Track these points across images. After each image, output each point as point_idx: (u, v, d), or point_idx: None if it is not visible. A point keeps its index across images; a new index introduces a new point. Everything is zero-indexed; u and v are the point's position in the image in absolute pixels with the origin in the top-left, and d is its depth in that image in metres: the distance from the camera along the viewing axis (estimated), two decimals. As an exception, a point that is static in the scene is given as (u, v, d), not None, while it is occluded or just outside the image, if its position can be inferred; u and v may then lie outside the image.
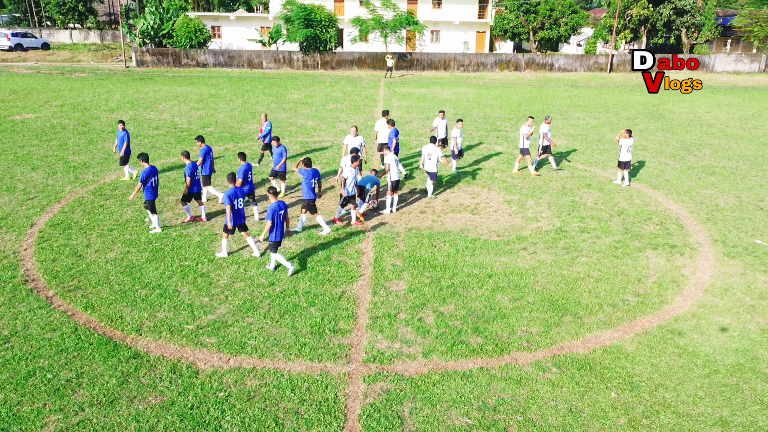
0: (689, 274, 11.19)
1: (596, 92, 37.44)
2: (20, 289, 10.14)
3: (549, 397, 7.49)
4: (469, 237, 12.83)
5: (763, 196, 16.27)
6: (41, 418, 6.97)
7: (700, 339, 8.93)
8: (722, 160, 20.23)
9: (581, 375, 7.96)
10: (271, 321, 9.19)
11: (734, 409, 7.36)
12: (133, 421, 6.95)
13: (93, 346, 8.47)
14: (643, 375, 8.01)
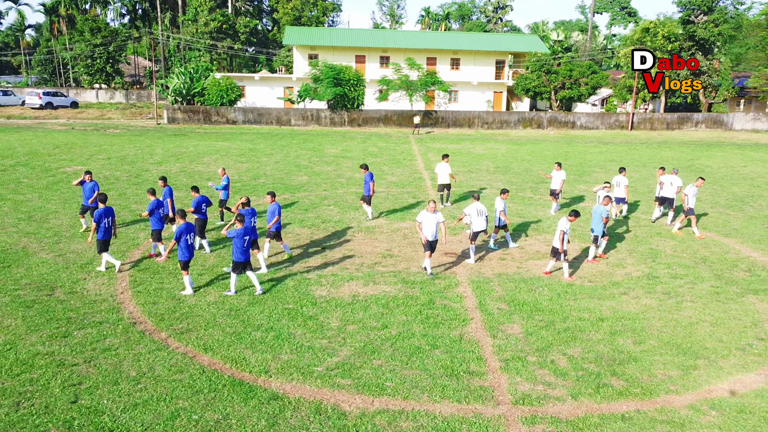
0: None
1: (625, 148, 37.96)
2: (131, 330, 9.95)
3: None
4: (563, 282, 12.68)
5: (838, 244, 16.19)
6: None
7: None
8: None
9: (744, 418, 7.67)
10: (401, 363, 8.96)
11: None
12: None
13: (227, 388, 8.22)
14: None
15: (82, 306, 10.95)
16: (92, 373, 8.55)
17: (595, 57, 78.58)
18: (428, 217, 12.56)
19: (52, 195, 20.22)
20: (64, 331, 9.85)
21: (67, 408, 7.65)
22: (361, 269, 13.34)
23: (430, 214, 12.59)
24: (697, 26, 48.70)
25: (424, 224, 12.56)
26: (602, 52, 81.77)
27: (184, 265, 11.61)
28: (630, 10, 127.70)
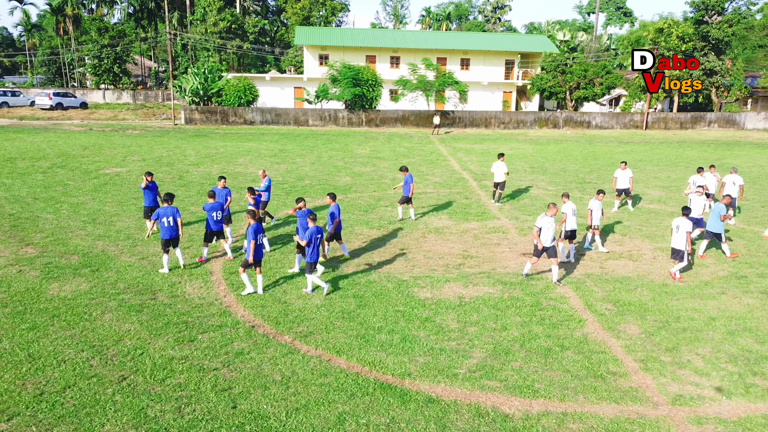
0: None
1: (647, 148, 38.20)
2: (254, 334, 9.91)
3: None
4: (655, 282, 12.76)
5: None
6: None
7: None
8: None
9: None
10: (539, 365, 8.99)
11: None
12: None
13: (378, 390, 8.21)
14: None
15: (191, 310, 10.89)
16: (236, 377, 8.51)
17: (600, 57, 78.94)
18: (548, 222, 12.32)
19: (105, 197, 20.04)
20: (187, 335, 9.79)
21: (230, 413, 7.61)
22: (450, 270, 13.36)
23: (550, 218, 12.36)
24: (711, 26, 49.10)
25: (543, 230, 12.28)
26: (606, 52, 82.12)
27: (248, 264, 11.46)
28: (626, 10, 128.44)
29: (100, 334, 9.74)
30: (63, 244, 14.71)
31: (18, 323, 10.08)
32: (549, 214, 12.46)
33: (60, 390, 8.04)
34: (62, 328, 9.93)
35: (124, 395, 7.97)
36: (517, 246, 15.49)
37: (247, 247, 11.41)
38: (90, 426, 7.28)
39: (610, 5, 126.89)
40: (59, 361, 8.80)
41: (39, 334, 9.68)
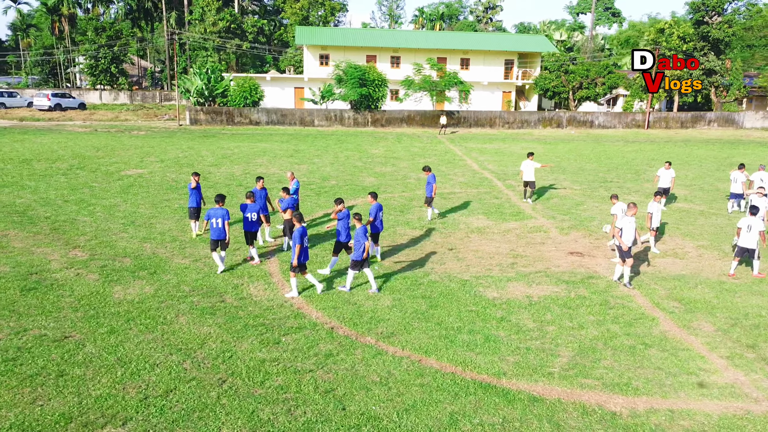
0: None
1: (654, 147, 38.61)
2: (336, 335, 9.91)
3: None
4: (711, 279, 12.95)
5: None
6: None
7: None
8: None
9: None
10: (630, 362, 9.09)
11: None
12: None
13: (481, 390, 8.26)
14: None
15: (263, 312, 10.86)
16: (334, 378, 8.51)
17: (596, 57, 79.60)
18: (629, 222, 12.28)
19: (135, 199, 19.88)
20: (270, 337, 9.77)
21: (342, 415, 7.62)
22: (506, 270, 13.44)
23: (630, 218, 12.35)
24: (711, 27, 49.74)
25: (625, 230, 12.23)
26: (600, 52, 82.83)
27: (295, 267, 11.39)
28: (614, 10, 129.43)
29: (181, 337, 9.69)
30: (110, 246, 14.58)
31: (95, 327, 9.99)
32: (629, 213, 12.52)
33: (163, 394, 7.99)
34: (141, 332, 9.85)
35: (229, 398, 7.94)
36: (561, 245, 15.62)
37: (294, 250, 11.30)
38: (206, 429, 7.25)
39: (599, 5, 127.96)
40: (152, 365, 8.74)
41: (120, 338, 9.60)
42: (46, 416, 7.43)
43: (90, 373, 8.47)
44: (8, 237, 15.08)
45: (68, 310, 10.68)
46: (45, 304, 10.86)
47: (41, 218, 17.02)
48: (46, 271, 12.67)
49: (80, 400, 7.79)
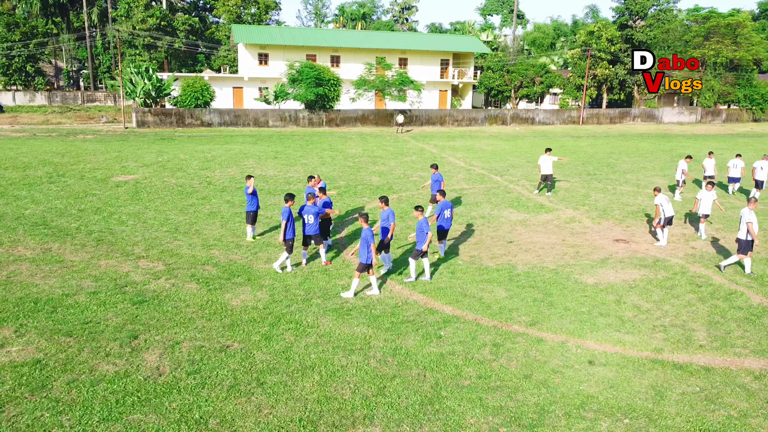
0: None
1: (603, 141, 41.57)
2: (483, 326, 10.37)
3: None
4: (758, 256, 14.59)
5: None
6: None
7: None
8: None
9: None
10: (756, 331, 10.26)
11: None
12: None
13: (659, 366, 9.06)
14: None
15: (395, 309, 11.12)
16: (522, 365, 9.01)
17: (516, 57, 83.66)
18: (755, 216, 12.80)
19: (155, 205, 19.06)
20: (427, 332, 10.07)
21: (561, 395, 8.14)
22: (578, 258, 14.41)
23: (749, 210, 12.92)
24: (635, 30, 54.04)
25: (754, 223, 12.81)
26: (521, 53, 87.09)
27: (364, 267, 11.53)
28: (518, 12, 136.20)
29: (342, 339, 9.77)
30: (176, 255, 14.07)
31: (244, 335, 9.83)
32: (751, 207, 13.14)
33: (378, 391, 8.14)
34: (298, 336, 9.83)
35: (447, 390, 8.22)
36: (602, 233, 16.85)
37: (369, 250, 11.43)
38: (451, 420, 7.53)
39: (504, 7, 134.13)
40: (341, 367, 8.82)
41: (282, 344, 9.53)
42: (286, 422, 7.39)
43: (287, 379, 8.42)
44: (53, 251, 14.12)
45: (200, 320, 10.38)
46: (170, 316, 10.48)
47: (73, 230, 16.00)
48: (135, 283, 12.12)
49: (305, 405, 7.79)
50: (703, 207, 16.05)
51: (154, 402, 7.69)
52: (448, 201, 14.41)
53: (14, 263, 13.01)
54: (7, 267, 12.74)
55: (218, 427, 7.23)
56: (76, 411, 7.39)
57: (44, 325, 9.82)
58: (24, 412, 7.31)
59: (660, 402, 8.09)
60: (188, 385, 8.12)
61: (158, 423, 7.23)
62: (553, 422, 7.55)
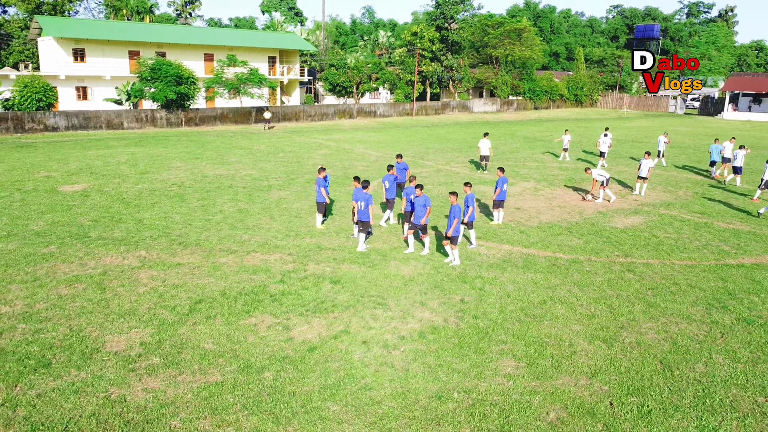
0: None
1: (453, 128, 47.79)
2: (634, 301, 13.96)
3: None
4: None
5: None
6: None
7: None
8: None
9: None
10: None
11: None
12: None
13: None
14: None
15: (530, 294, 14.06)
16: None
17: (326, 55, 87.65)
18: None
19: (163, 208, 18.59)
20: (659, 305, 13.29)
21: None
22: (583, 214, 18.74)
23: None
24: (449, 32, 61.86)
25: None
26: (331, 51, 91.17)
27: (455, 240, 13.48)
28: (297, 10, 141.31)
29: (600, 324, 12.34)
30: (277, 248, 14.88)
31: (461, 317, 11.94)
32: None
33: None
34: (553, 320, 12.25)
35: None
36: (569, 196, 21.54)
37: (455, 224, 13.00)
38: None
39: (283, 5, 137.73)
40: (637, 343, 11.59)
41: (533, 328, 11.90)
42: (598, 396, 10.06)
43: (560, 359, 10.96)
44: (153, 256, 13.91)
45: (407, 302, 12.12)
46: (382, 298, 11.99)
47: (137, 236, 15.39)
48: (279, 274, 13.03)
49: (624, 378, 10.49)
50: (642, 171, 21.65)
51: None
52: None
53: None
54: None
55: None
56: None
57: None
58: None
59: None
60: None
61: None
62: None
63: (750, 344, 9.82)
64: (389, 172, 17.02)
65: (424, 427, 7.42)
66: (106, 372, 8.62)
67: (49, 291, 11.60)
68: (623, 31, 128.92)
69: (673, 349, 9.61)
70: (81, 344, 9.42)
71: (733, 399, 8.18)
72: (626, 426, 7.53)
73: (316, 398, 8.05)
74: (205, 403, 7.90)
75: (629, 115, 70.13)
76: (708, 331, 10.30)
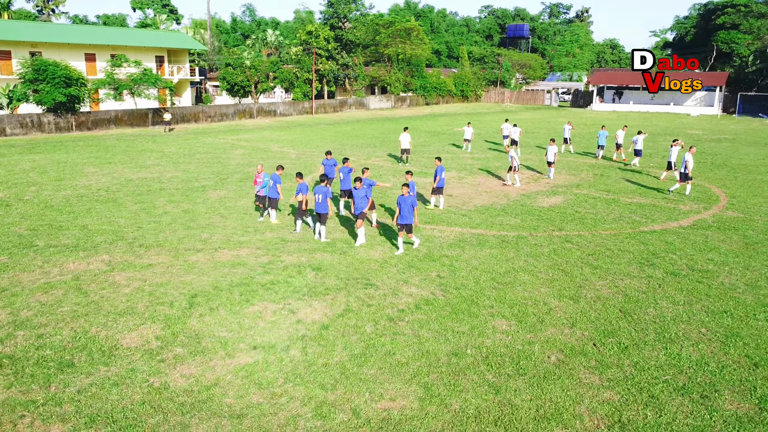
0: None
1: (359, 125, 49.02)
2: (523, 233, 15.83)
3: None
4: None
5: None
6: None
7: None
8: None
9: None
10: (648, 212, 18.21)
11: None
12: None
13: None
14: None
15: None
16: (598, 246, 14.84)
17: (215, 54, 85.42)
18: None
19: (115, 210, 18.15)
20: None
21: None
22: (511, 197, 20.72)
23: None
24: (344, 31, 62.95)
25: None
26: (219, 51, 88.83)
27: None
28: (172, 7, 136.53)
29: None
30: (245, 245, 15.30)
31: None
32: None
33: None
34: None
35: None
36: (488, 183, 23.55)
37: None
38: None
39: (156, 1, 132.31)
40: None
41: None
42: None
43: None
44: (118, 259, 13.85)
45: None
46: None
47: (90, 242, 15.04)
48: (259, 266, 13.59)
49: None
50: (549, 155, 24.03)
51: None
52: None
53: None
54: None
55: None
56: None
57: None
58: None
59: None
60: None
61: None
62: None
63: (682, 291, 11.90)
64: (345, 165, 17.94)
65: (455, 378, 8.50)
66: (136, 365, 8.82)
67: (26, 299, 11.26)
68: (496, 30, 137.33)
69: (626, 300, 11.43)
70: (95, 344, 9.46)
71: (684, 332, 10.05)
72: (612, 359, 9.09)
73: (350, 366, 8.84)
74: (248, 381, 8.42)
75: (512, 108, 75.40)
76: (648, 284, 12.29)
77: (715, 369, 8.82)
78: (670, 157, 23.32)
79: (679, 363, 9.00)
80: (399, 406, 7.83)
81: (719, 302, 11.31)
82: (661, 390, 8.23)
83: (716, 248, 14.76)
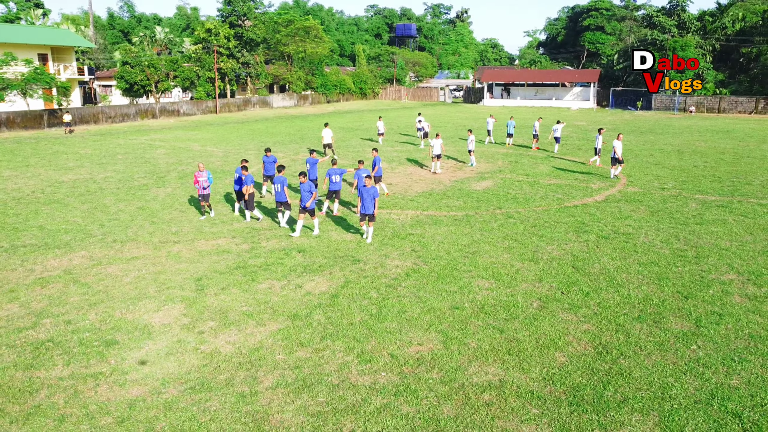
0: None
1: (268, 123, 49.31)
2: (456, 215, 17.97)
3: None
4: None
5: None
6: None
7: None
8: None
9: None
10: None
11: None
12: None
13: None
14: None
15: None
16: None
17: (102, 52, 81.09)
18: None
19: (65, 211, 17.97)
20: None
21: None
22: (445, 183, 22.77)
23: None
24: (244, 29, 62.56)
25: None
26: (105, 49, 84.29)
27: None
28: (37, 1, 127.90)
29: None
30: (219, 235, 16.04)
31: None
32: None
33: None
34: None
35: None
36: (418, 172, 25.52)
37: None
38: None
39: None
40: (486, 237, 15.16)
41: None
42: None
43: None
44: (99, 254, 14.18)
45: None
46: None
47: (59, 240, 15.08)
48: (245, 252, 14.53)
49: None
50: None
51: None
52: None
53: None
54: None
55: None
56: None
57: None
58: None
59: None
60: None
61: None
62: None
63: (615, 249, 14.37)
64: (311, 156, 19.10)
65: (465, 324, 10.13)
66: (180, 337, 9.59)
67: (28, 294, 11.44)
68: (385, 29, 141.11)
69: (574, 259, 13.68)
70: (127, 324, 10.05)
71: (627, 279, 12.40)
72: (580, 302, 11.16)
73: (372, 322, 10.19)
74: (289, 341, 9.52)
75: (411, 105, 78.59)
76: (586, 246, 14.65)
77: (658, 302, 11.16)
78: (597, 143, 26.50)
79: (630, 300, 11.25)
80: (427, 349, 9.32)
81: (646, 255, 13.87)
82: (624, 320, 10.38)
83: (630, 216, 17.59)
